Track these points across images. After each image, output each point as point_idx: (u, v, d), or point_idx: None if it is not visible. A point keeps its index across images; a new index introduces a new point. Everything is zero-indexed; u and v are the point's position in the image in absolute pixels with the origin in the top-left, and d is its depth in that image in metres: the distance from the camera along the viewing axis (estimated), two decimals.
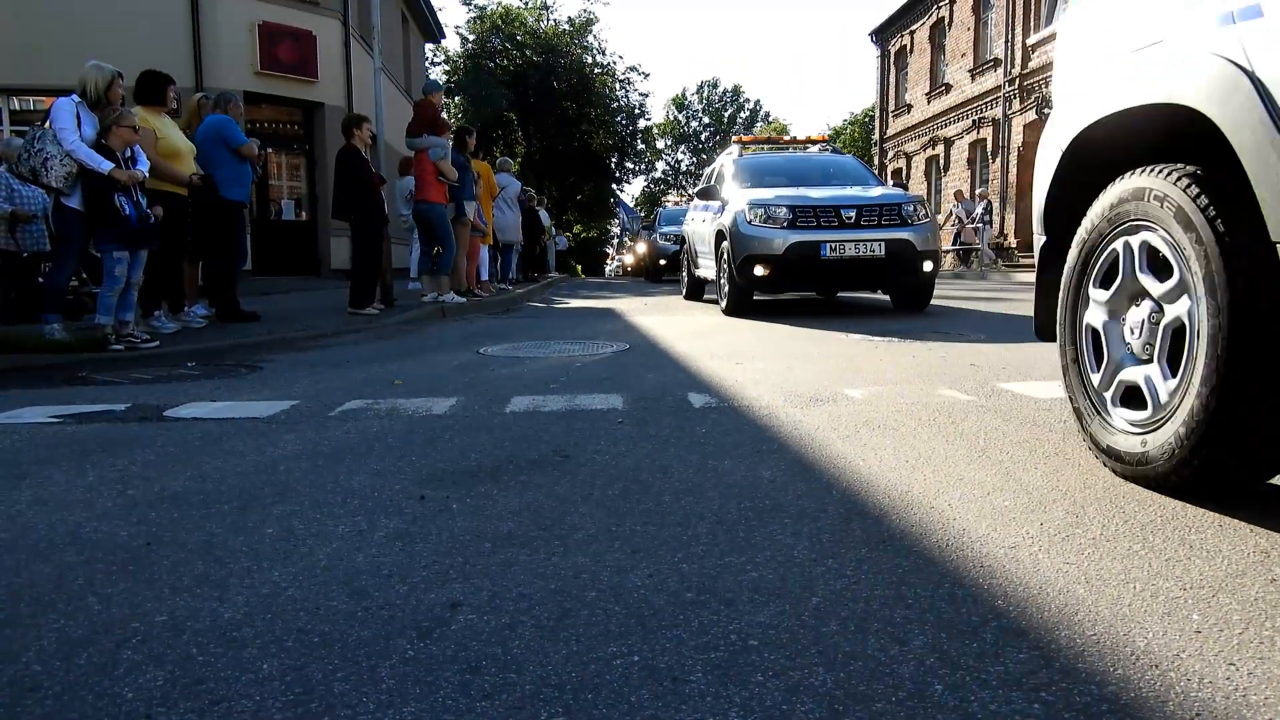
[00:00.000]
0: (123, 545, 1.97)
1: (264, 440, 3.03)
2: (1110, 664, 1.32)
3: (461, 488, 2.38)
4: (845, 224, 7.37)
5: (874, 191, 8.17)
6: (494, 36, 35.43)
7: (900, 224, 7.44)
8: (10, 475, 2.62)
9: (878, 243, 7.31)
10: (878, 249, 7.30)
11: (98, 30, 12.63)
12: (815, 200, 7.56)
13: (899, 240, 7.36)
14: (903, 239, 7.36)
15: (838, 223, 7.37)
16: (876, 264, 7.35)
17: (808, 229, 7.36)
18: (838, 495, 2.23)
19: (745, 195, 7.94)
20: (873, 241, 7.30)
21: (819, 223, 7.38)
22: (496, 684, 1.31)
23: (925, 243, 7.51)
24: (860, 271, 7.47)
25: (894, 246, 7.34)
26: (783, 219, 7.44)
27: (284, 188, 15.75)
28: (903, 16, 26.69)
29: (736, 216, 7.71)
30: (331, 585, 1.71)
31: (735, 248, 7.67)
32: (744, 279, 7.66)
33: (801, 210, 7.44)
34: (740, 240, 7.61)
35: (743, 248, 7.57)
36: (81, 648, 1.46)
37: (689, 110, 63.21)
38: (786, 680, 1.30)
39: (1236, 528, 1.90)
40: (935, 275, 7.84)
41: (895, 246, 7.34)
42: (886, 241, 7.32)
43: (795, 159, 9.99)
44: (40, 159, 5.46)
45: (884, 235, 7.33)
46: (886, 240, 7.32)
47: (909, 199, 7.86)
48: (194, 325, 6.84)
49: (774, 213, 7.49)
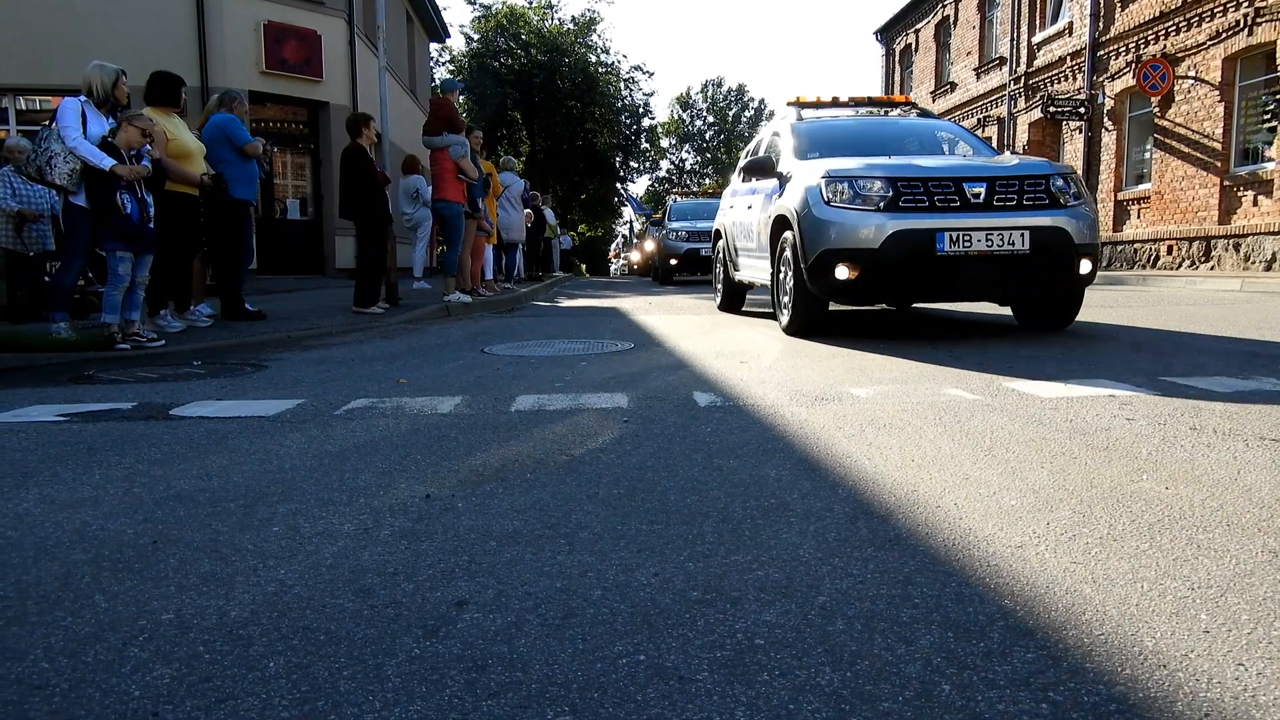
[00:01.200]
0: (129, 544, 1.97)
1: (269, 439, 3.04)
2: (1118, 664, 1.32)
3: (467, 486, 2.38)
4: (971, 205, 5.21)
5: (1008, 160, 6.07)
6: (499, 36, 35.45)
7: (1049, 205, 5.28)
8: (17, 474, 2.63)
9: (1020, 232, 5.14)
10: (1020, 241, 5.12)
11: (103, 30, 12.66)
12: (927, 170, 5.38)
13: (1050, 229, 5.19)
14: (1054, 227, 5.20)
15: (960, 203, 5.22)
16: (1018, 263, 5.16)
17: (917, 212, 5.21)
18: (844, 494, 2.23)
19: (819, 166, 5.69)
20: (1013, 230, 5.14)
21: (933, 203, 5.22)
22: (502, 683, 1.31)
23: (1084, 233, 5.31)
24: (993, 274, 5.25)
25: (1043, 238, 5.16)
26: (878, 197, 5.26)
27: (289, 187, 15.77)
28: (908, 15, 26.61)
29: (808, 195, 5.55)
30: (337, 584, 1.71)
31: (806, 239, 5.49)
32: (819, 284, 5.47)
33: (907, 185, 5.24)
34: (814, 228, 5.45)
35: (818, 239, 5.40)
36: (88, 645, 1.46)
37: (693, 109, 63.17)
38: (793, 679, 1.30)
39: (1245, 527, 1.89)
40: (1092, 280, 5.56)
41: (1045, 238, 5.17)
42: (1032, 230, 5.15)
43: (875, 123, 7.40)
44: (45, 157, 5.50)
45: (1028, 221, 5.18)
46: (1032, 228, 5.16)
47: (1058, 170, 5.52)
48: (199, 324, 6.85)
49: (865, 188, 5.31)
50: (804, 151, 6.53)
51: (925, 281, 5.37)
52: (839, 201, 5.38)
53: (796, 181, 5.87)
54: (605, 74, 37.53)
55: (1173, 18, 14.29)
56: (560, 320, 8.39)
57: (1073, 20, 17.41)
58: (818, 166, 5.73)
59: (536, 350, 5.59)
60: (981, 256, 5.14)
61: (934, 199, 5.24)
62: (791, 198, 5.82)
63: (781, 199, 6.09)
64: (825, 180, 5.46)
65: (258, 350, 5.82)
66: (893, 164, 5.56)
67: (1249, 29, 12.74)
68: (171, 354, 5.52)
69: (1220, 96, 13.32)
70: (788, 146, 6.80)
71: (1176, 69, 14.23)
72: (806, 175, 5.74)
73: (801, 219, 5.59)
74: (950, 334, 6.06)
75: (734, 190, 8.38)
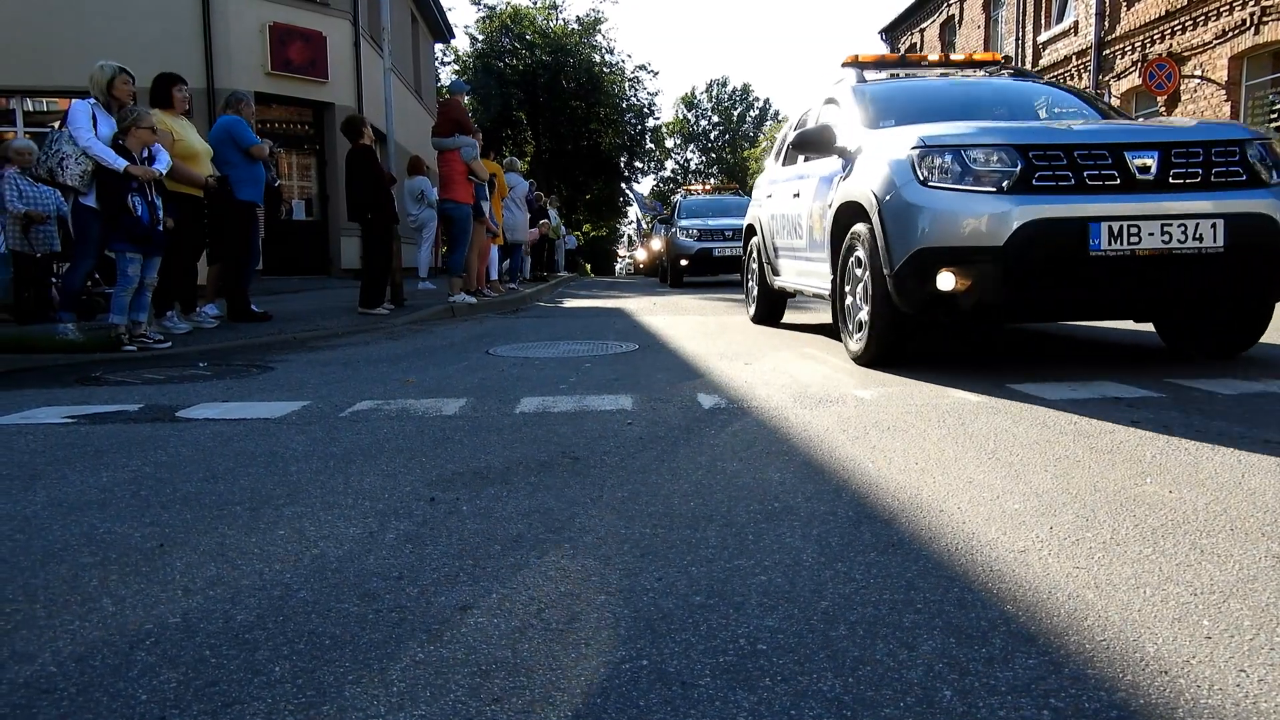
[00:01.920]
0: (136, 546, 1.98)
1: (275, 441, 3.05)
2: (1120, 670, 1.32)
3: (471, 489, 2.39)
4: (1137, 183, 3.73)
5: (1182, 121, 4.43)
6: (503, 36, 35.49)
7: (1247, 183, 3.80)
8: (25, 476, 2.64)
9: (1211, 222, 3.66)
10: (1211, 234, 3.65)
11: (109, 32, 12.70)
12: (1070, 136, 3.93)
13: (1252, 217, 3.71)
14: (1258, 214, 3.72)
15: (1120, 180, 3.72)
16: (1206, 266, 3.69)
17: (1058, 193, 3.74)
18: (847, 498, 2.23)
19: (907, 134, 4.23)
20: (1202, 220, 3.66)
21: (1081, 181, 3.73)
22: (506, 687, 1.32)
23: None
24: (1170, 282, 3.78)
25: (1243, 229, 3.68)
26: (1000, 174, 3.79)
27: (295, 188, 15.81)
28: (913, 14, 26.57)
29: (893, 174, 4.13)
30: (342, 587, 1.72)
31: (893, 233, 4.07)
32: (911, 296, 4.01)
33: (1043, 155, 3.79)
34: (904, 218, 4.00)
35: (910, 233, 3.96)
36: (96, 649, 1.48)
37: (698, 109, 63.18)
38: (795, 685, 1.30)
39: (1249, 532, 1.89)
40: None
41: (1246, 229, 3.69)
42: (1228, 219, 3.67)
43: (961, 85, 5.82)
44: (57, 159, 5.56)
45: (1222, 205, 3.70)
46: (1228, 216, 3.68)
47: (1253, 134, 4.04)
48: (206, 325, 6.88)
49: (980, 161, 3.85)
50: (876, 119, 5.05)
51: (1070, 293, 3.83)
52: (941, 180, 3.93)
53: (872, 157, 4.46)
54: (610, 74, 37.55)
55: (1178, 16, 14.25)
56: (565, 321, 8.41)
57: (1078, 19, 17.37)
58: (905, 134, 4.25)
59: (541, 352, 5.60)
60: (1155, 257, 3.64)
61: (1083, 175, 3.74)
62: (867, 178, 4.38)
63: (849, 181, 4.65)
64: (920, 151, 4.01)
65: (263, 351, 5.85)
66: (1019, 127, 4.16)
67: (1255, 28, 12.70)
68: (178, 355, 5.55)
69: (1227, 96, 13.28)
70: (851, 115, 5.25)
71: (1182, 68, 14.20)
72: (888, 147, 4.31)
73: (885, 206, 4.13)
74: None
75: (772, 178, 6.99)
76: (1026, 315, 4.54)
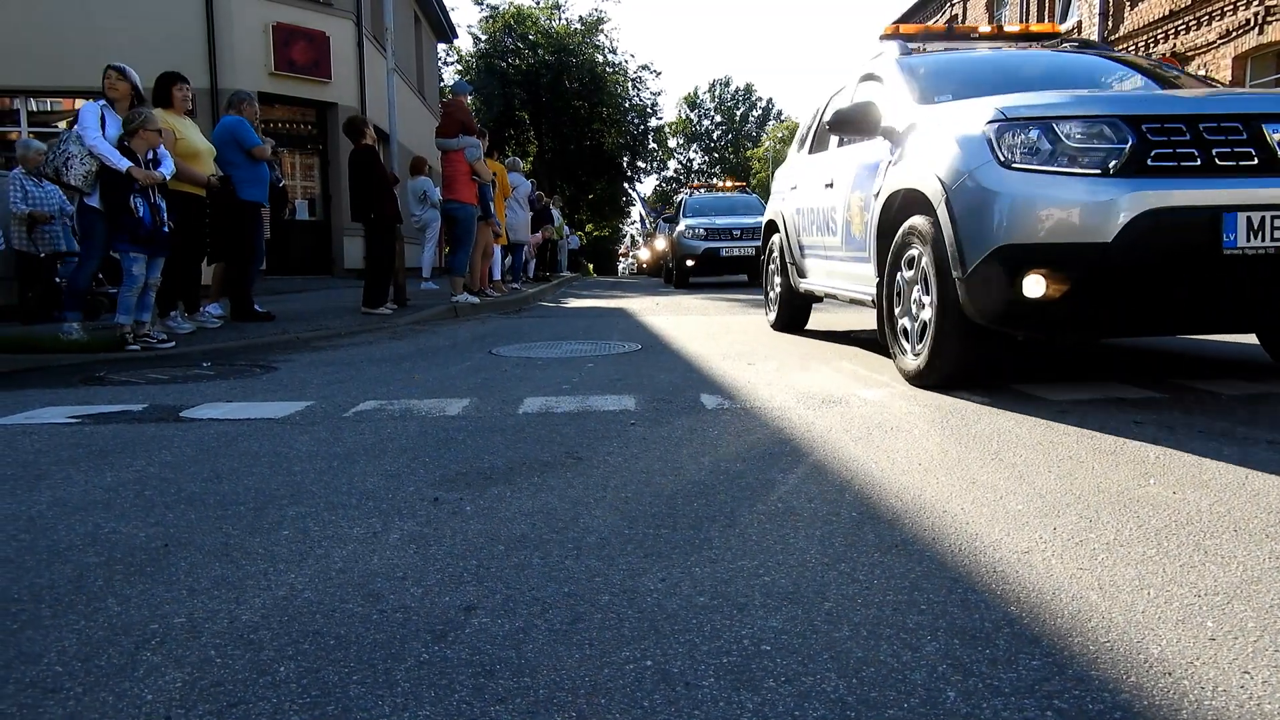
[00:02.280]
0: (141, 547, 1.99)
1: (279, 441, 3.06)
2: (1123, 671, 1.32)
3: (475, 489, 2.39)
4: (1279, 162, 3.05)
5: None
6: (506, 36, 35.52)
7: None
8: (30, 476, 2.65)
9: None
10: None
11: (113, 33, 12.73)
12: (1191, 105, 3.22)
13: None
14: None
15: (1258, 159, 3.05)
16: None
17: (1181, 175, 3.05)
18: (850, 498, 2.23)
19: (979, 107, 3.51)
20: None
21: (1210, 160, 3.05)
22: (510, 688, 1.32)
23: None
24: None
25: None
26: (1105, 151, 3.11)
27: (298, 188, 15.83)
28: (916, 14, 26.54)
29: (965, 153, 3.43)
30: (347, 588, 1.72)
31: (964, 226, 3.38)
32: (987, 303, 3.33)
33: (1160, 129, 3.09)
34: (980, 208, 3.30)
35: (987, 225, 3.27)
36: (102, 649, 1.48)
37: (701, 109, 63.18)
38: (799, 686, 1.31)
39: (1252, 533, 1.89)
40: None
41: None
42: None
43: (1018, 56, 5.05)
44: (63, 158, 5.61)
45: None
46: None
47: None
48: (209, 325, 6.89)
49: (1078, 136, 3.16)
50: (930, 94, 4.28)
51: (1197, 303, 3.17)
52: (1027, 161, 3.21)
53: (931, 136, 3.77)
54: (612, 74, 37.56)
55: (1182, 16, 14.24)
56: (568, 321, 8.41)
57: (1081, 19, 17.35)
58: (975, 107, 3.53)
59: (544, 352, 5.60)
60: None
61: (1212, 153, 3.03)
62: (927, 161, 3.68)
63: (901, 166, 3.96)
64: (999, 125, 3.29)
65: (267, 351, 5.86)
66: (1127, 95, 3.58)
67: (1259, 28, 12.68)
68: (181, 355, 5.56)
69: None
70: (898, 91, 4.48)
71: (1186, 68, 14.16)
72: (953, 123, 3.61)
73: (954, 194, 3.41)
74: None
75: (798, 167, 6.26)
76: (1136, 329, 3.68)
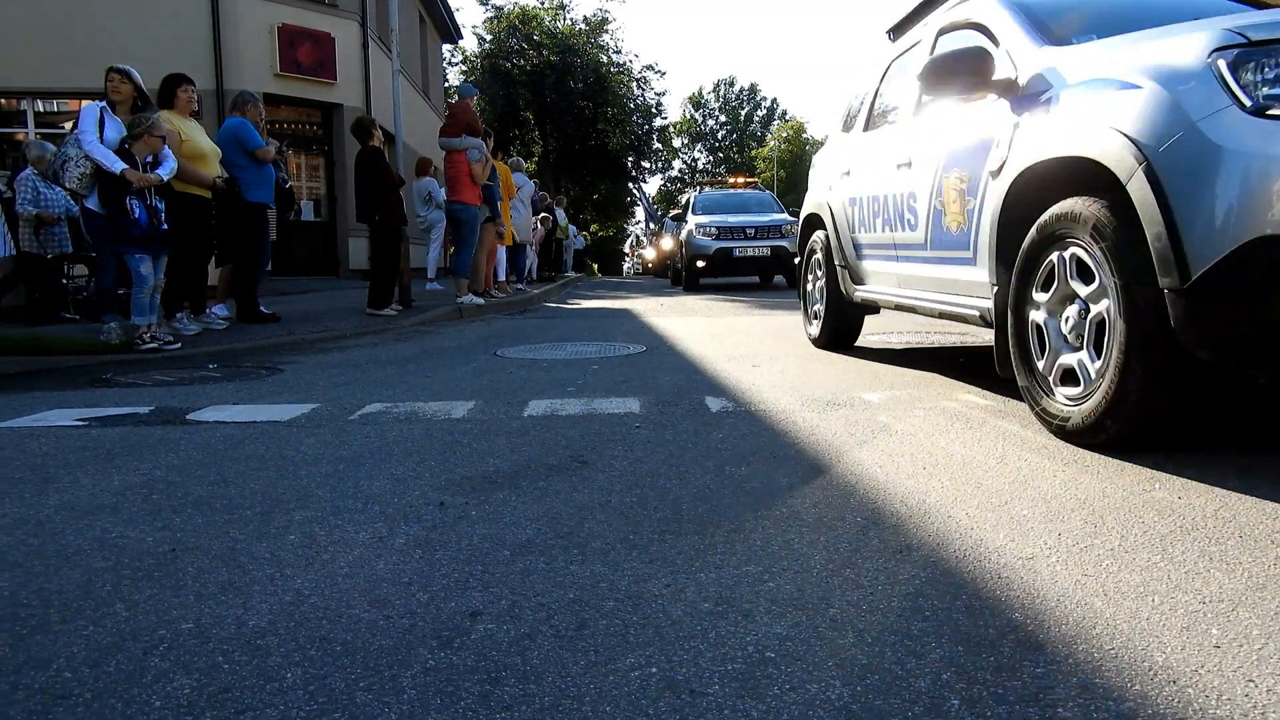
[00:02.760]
0: (148, 551, 2.00)
1: (285, 444, 3.07)
2: (1128, 679, 1.32)
3: (480, 494, 2.40)
4: None
5: None
6: (510, 36, 35.52)
7: None
8: (38, 479, 2.66)
9: None
10: None
11: (119, 34, 12.77)
12: None
13: None
14: None
15: None
16: None
17: None
18: (855, 503, 2.23)
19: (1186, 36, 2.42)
20: None
21: None
22: (516, 695, 1.33)
23: None
24: None
25: None
26: None
27: (303, 189, 15.87)
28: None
29: (1176, 98, 2.31)
30: (353, 593, 1.73)
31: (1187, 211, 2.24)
32: (1223, 331, 2.24)
33: None
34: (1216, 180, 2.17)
35: (1232, 209, 2.13)
36: (110, 655, 1.49)
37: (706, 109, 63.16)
38: (803, 693, 1.31)
39: (1258, 539, 1.89)
40: None
41: None
42: None
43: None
44: (60, 161, 5.63)
45: None
46: None
47: None
48: (215, 327, 6.92)
49: None
50: (1061, 34, 3.35)
51: None
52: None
53: (1094, 81, 2.73)
54: (617, 74, 37.52)
55: None
56: (572, 322, 8.42)
57: None
58: (1179, 36, 2.48)
59: (549, 353, 5.61)
60: None
61: None
62: (1101, 114, 2.59)
63: (1045, 127, 2.91)
64: (1236, 53, 2.22)
65: (272, 353, 5.87)
66: None
67: None
68: (187, 357, 5.58)
69: None
70: (1014, 34, 3.46)
71: None
72: (1137, 58, 2.57)
73: (1160, 158, 2.33)
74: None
75: (843, 149, 5.29)
76: None
